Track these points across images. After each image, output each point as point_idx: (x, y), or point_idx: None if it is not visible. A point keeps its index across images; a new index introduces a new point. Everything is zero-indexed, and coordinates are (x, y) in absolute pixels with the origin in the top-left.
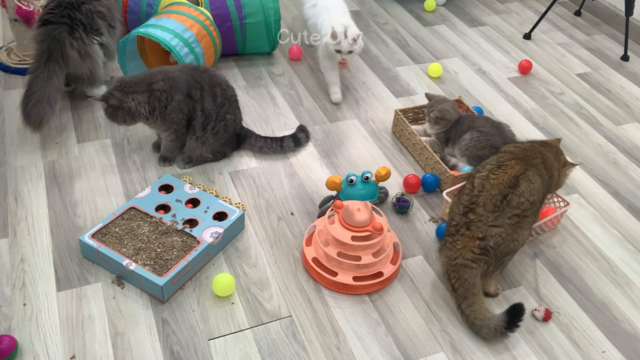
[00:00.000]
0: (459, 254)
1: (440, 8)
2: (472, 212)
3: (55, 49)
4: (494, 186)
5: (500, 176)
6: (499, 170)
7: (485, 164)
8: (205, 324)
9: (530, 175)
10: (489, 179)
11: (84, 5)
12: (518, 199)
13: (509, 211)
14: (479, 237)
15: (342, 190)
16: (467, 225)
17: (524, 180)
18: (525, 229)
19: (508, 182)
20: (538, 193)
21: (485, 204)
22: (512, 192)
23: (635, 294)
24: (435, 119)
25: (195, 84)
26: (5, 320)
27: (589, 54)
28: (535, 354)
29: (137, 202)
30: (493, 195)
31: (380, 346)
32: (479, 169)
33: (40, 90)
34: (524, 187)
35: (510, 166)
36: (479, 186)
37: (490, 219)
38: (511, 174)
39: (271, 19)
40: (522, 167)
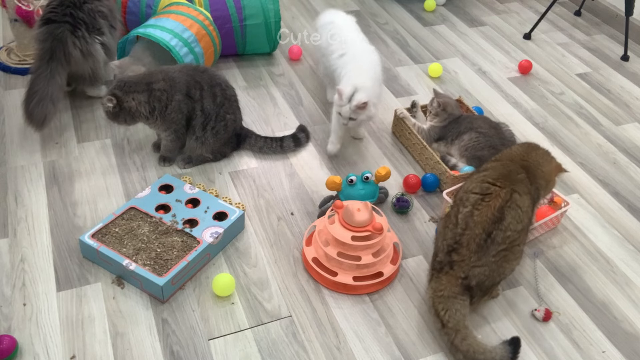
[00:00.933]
0: (445, 287)
1: (440, 8)
2: (455, 252)
3: (58, 48)
4: (477, 224)
5: (483, 211)
6: (482, 204)
7: (470, 192)
8: (205, 324)
9: (517, 199)
10: (473, 215)
11: (86, 5)
12: (504, 234)
13: (494, 249)
14: (462, 277)
15: (342, 190)
16: (450, 264)
17: (510, 209)
18: (514, 260)
19: (492, 218)
20: (527, 214)
21: (469, 243)
22: (497, 227)
23: (635, 294)
24: (436, 110)
25: (195, 84)
26: (5, 320)
27: (589, 54)
28: (535, 354)
29: (137, 202)
30: (477, 234)
31: (380, 346)
32: (463, 201)
33: (42, 89)
34: (510, 218)
35: (495, 194)
36: (463, 223)
37: (473, 260)
38: (495, 206)
39: (271, 20)
40: (508, 192)
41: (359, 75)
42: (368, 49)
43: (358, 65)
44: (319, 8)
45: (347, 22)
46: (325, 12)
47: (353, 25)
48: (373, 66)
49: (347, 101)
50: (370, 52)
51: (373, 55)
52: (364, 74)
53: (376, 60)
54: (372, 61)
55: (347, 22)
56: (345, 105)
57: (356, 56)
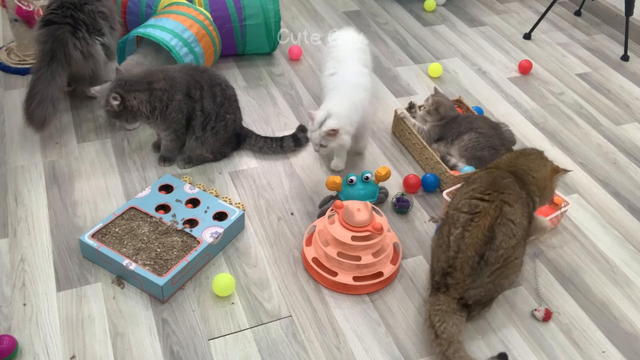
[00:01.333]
0: (443, 302)
1: (440, 8)
2: (449, 275)
3: (59, 49)
4: (469, 246)
5: (474, 232)
6: (472, 224)
7: (459, 210)
8: (205, 324)
9: (507, 212)
10: (464, 237)
11: (86, 6)
12: (496, 254)
13: (488, 270)
14: (458, 297)
15: (342, 190)
16: (446, 286)
17: (500, 226)
18: (512, 274)
19: (483, 238)
20: (521, 225)
21: (462, 267)
22: (489, 247)
23: (635, 294)
24: (429, 108)
25: (195, 83)
26: (5, 320)
27: (589, 54)
28: (535, 354)
29: (137, 202)
30: (469, 257)
31: (380, 346)
32: (453, 221)
33: (43, 90)
34: (501, 236)
35: (484, 213)
36: (455, 246)
37: (467, 282)
38: (485, 226)
39: (271, 20)
40: (497, 207)
41: (337, 101)
42: (359, 71)
43: (340, 89)
44: (319, 8)
45: (353, 41)
46: (339, 31)
47: (358, 45)
48: (357, 91)
49: (317, 127)
50: (360, 75)
51: (362, 79)
52: (342, 100)
53: (363, 84)
54: (358, 85)
55: (352, 42)
56: (316, 131)
57: (344, 78)
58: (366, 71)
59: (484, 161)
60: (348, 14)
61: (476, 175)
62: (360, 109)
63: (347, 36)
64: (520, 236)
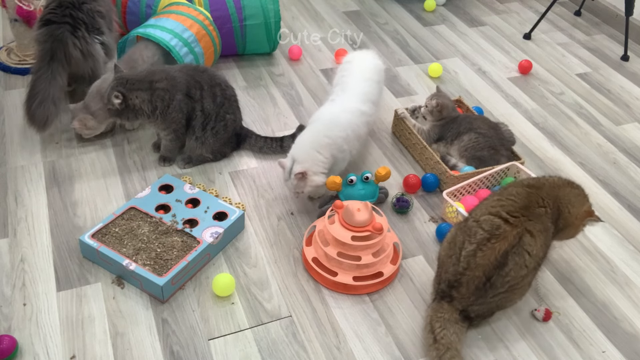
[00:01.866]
0: (445, 311)
1: (440, 8)
2: (455, 289)
3: (58, 48)
4: (478, 266)
5: (487, 254)
6: (488, 245)
7: (479, 228)
8: (205, 324)
9: (526, 242)
10: (476, 256)
11: (84, 5)
12: (503, 280)
13: (492, 292)
14: (460, 309)
15: (342, 190)
16: (450, 297)
17: (514, 255)
18: (516, 298)
19: (494, 262)
20: (536, 258)
21: (468, 284)
22: (497, 273)
23: (635, 294)
24: (432, 108)
25: (195, 83)
26: (5, 320)
27: (589, 54)
28: (535, 354)
29: (137, 202)
30: (477, 276)
31: (380, 346)
32: (470, 234)
33: (44, 90)
34: (512, 264)
35: (503, 237)
36: (465, 262)
37: (472, 299)
38: (500, 250)
39: (271, 20)
40: (517, 235)
41: (300, 145)
42: (349, 108)
43: (311, 126)
44: (319, 8)
45: (366, 70)
46: (357, 52)
47: (369, 75)
48: (330, 130)
49: (288, 176)
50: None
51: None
52: (306, 142)
53: (343, 124)
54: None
55: (365, 70)
56: (288, 180)
57: (322, 114)
58: (362, 109)
59: (484, 161)
60: (348, 14)
61: (514, 190)
62: (334, 147)
63: (362, 62)
64: (532, 267)
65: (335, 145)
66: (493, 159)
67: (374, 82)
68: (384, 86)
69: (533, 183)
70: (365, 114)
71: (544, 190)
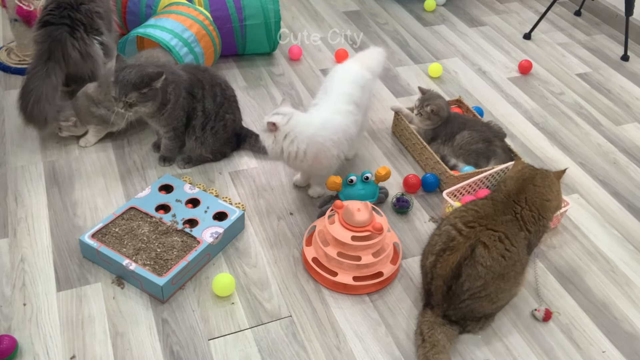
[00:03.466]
0: (431, 316)
1: (440, 8)
2: (430, 296)
3: (56, 48)
4: (438, 277)
5: (443, 265)
6: (443, 256)
7: (438, 238)
8: (205, 324)
9: (478, 254)
10: (436, 267)
11: (82, 6)
12: (461, 289)
13: (457, 299)
14: (441, 315)
15: (342, 190)
16: (430, 304)
17: (467, 267)
18: (492, 303)
19: (450, 273)
20: (492, 269)
21: (436, 292)
22: (454, 282)
23: (635, 294)
24: (428, 114)
25: (198, 82)
26: (5, 320)
27: (589, 54)
28: (535, 354)
29: (137, 202)
30: (439, 285)
31: (380, 346)
32: (431, 246)
33: (37, 88)
34: (466, 275)
35: (456, 248)
36: (430, 273)
37: (444, 306)
38: (453, 262)
39: (271, 20)
40: (470, 246)
41: (298, 114)
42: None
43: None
44: (319, 8)
45: (352, 74)
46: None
47: (354, 79)
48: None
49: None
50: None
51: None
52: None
53: (338, 123)
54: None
55: (351, 75)
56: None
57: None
58: (348, 108)
59: (480, 153)
60: (348, 14)
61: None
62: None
63: (347, 70)
64: (490, 278)
65: (323, 148)
66: (489, 150)
67: (358, 85)
68: (371, 95)
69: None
70: (352, 112)
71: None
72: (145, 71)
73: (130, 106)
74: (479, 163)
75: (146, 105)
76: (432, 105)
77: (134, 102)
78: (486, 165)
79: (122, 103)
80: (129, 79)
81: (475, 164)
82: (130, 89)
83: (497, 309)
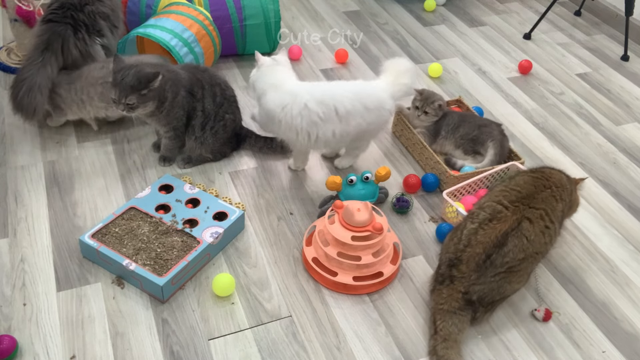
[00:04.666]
0: (445, 301)
1: (440, 8)
2: (455, 267)
3: (56, 40)
4: (479, 244)
5: (488, 232)
6: (489, 225)
7: (481, 209)
8: (205, 324)
9: (524, 228)
10: (477, 234)
11: (86, 7)
12: (502, 259)
13: (492, 270)
14: (462, 291)
15: (342, 190)
16: (450, 278)
17: (514, 237)
18: (516, 283)
19: (494, 241)
20: (534, 243)
21: (469, 261)
22: (497, 252)
23: (635, 294)
24: (436, 111)
25: (197, 82)
26: (5, 320)
27: (589, 54)
28: (535, 354)
29: (137, 202)
30: (477, 253)
31: (380, 346)
32: (471, 217)
33: (32, 76)
34: (512, 245)
35: (504, 219)
36: (466, 240)
37: (472, 278)
38: (500, 231)
39: (271, 20)
40: (517, 219)
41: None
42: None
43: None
44: (319, 8)
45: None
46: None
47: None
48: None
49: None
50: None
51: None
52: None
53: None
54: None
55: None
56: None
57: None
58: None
59: (477, 137)
60: (348, 14)
61: (520, 180)
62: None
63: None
64: (530, 252)
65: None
66: (484, 133)
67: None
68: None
69: (523, 183)
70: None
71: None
72: (143, 72)
73: (132, 108)
74: (477, 149)
75: (147, 106)
76: (439, 101)
77: (134, 105)
78: (483, 149)
79: (123, 105)
80: (127, 81)
81: (474, 150)
82: (129, 91)
83: (512, 293)
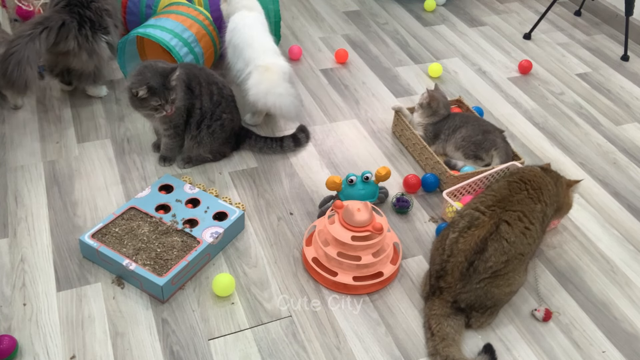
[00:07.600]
0: (438, 308)
1: (440, 8)
2: (442, 279)
3: (55, 20)
4: (460, 252)
5: (468, 240)
6: (468, 232)
7: (461, 217)
8: (205, 324)
9: (503, 231)
10: (458, 242)
11: (93, 3)
12: (485, 265)
13: (476, 277)
14: (450, 301)
15: (342, 190)
16: (439, 290)
17: (493, 241)
18: (505, 287)
19: (474, 248)
20: (515, 245)
21: (453, 271)
22: (478, 258)
23: (635, 294)
24: (421, 104)
25: (195, 78)
26: (5, 320)
27: (589, 54)
28: (535, 354)
29: (137, 202)
30: (459, 262)
31: (380, 346)
32: (452, 226)
33: (19, 50)
34: (492, 250)
35: (481, 224)
36: (449, 250)
37: (458, 287)
38: (479, 237)
39: (271, 20)
40: (494, 223)
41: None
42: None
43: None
44: (319, 8)
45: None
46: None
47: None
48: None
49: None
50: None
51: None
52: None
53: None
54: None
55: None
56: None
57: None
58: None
59: (480, 143)
60: (348, 14)
61: (496, 185)
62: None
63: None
64: (512, 254)
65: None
66: (488, 140)
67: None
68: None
69: (498, 188)
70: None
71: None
72: (161, 68)
73: (173, 102)
74: (479, 154)
75: (178, 95)
76: (430, 91)
77: (174, 98)
78: (486, 156)
79: (168, 105)
80: (158, 82)
81: (475, 155)
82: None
83: (505, 298)
